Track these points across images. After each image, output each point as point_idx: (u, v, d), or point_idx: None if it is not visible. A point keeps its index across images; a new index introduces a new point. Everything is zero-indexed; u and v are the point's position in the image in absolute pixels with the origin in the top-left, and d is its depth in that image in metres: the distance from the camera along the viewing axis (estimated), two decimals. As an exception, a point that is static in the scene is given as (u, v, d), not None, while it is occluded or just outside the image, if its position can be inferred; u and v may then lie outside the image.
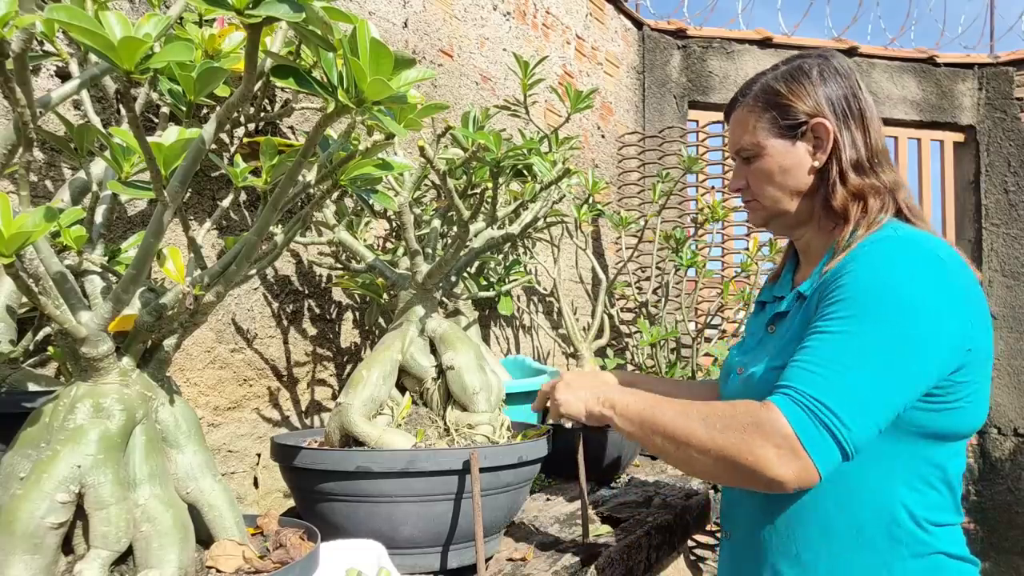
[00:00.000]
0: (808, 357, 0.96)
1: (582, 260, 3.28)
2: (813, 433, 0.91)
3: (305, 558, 0.78)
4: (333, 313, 1.92)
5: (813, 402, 0.91)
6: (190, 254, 0.85)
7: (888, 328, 0.93)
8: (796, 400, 0.92)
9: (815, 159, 1.12)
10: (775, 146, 1.13)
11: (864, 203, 1.09)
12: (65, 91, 0.73)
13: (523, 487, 1.27)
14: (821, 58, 1.15)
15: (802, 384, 0.93)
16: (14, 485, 0.69)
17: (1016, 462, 4.60)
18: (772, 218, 1.18)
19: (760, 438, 0.92)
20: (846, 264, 1.01)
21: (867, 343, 0.93)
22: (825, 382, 0.92)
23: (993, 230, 4.73)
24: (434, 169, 1.20)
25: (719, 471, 0.97)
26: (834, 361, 0.93)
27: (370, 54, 0.65)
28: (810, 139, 1.12)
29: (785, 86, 1.13)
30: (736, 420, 0.95)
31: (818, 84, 1.12)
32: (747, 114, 1.16)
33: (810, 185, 1.13)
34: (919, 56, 4.71)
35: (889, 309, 0.94)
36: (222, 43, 0.93)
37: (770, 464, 0.91)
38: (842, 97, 1.12)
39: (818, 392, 0.92)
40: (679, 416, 1.01)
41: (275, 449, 1.21)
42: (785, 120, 1.12)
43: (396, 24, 2.22)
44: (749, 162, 1.17)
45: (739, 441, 0.93)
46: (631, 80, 3.97)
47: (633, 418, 1.08)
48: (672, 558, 1.77)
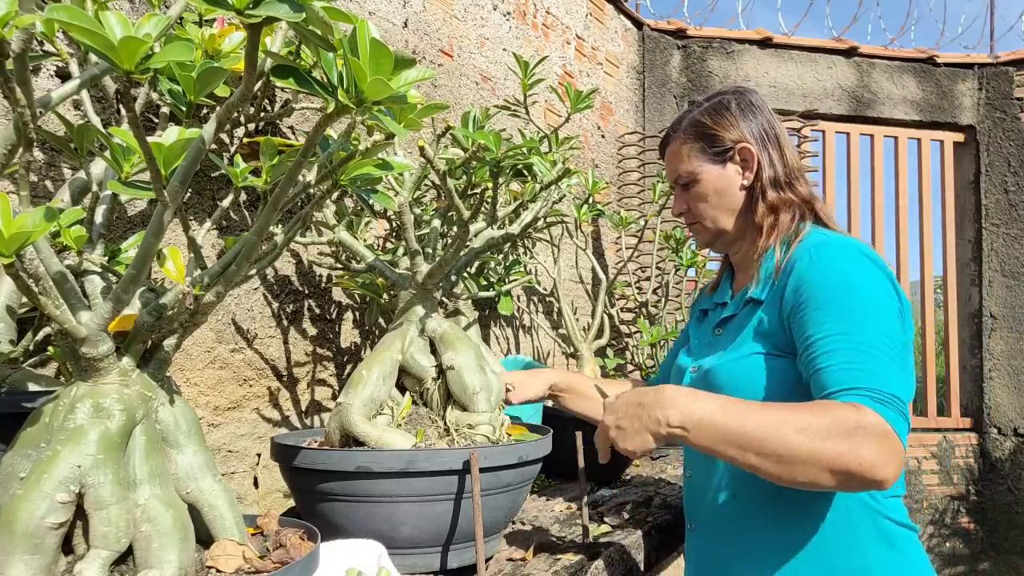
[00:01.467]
0: (844, 359, 1.03)
1: (582, 260, 3.28)
2: (901, 424, 0.98)
3: (305, 558, 0.78)
4: (333, 313, 1.92)
5: (889, 396, 0.99)
6: (190, 254, 0.85)
7: (876, 316, 1.06)
8: (879, 398, 0.99)
9: (744, 178, 1.26)
10: (708, 171, 1.27)
11: (776, 215, 1.23)
12: (65, 91, 0.73)
13: (523, 487, 1.27)
14: (738, 93, 1.30)
15: (870, 383, 1.00)
16: (14, 485, 0.69)
17: (1016, 462, 4.60)
18: (715, 237, 1.31)
19: (867, 441, 0.95)
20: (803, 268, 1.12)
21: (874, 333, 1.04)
22: (882, 376, 1.00)
23: (993, 230, 4.73)
24: (434, 169, 1.20)
25: (823, 480, 0.98)
26: (870, 357, 1.02)
27: (370, 54, 0.65)
28: (737, 161, 1.26)
29: (710, 119, 1.28)
30: (837, 427, 0.96)
31: (737, 114, 1.27)
32: (680, 146, 1.30)
33: (742, 203, 1.27)
34: (919, 56, 4.72)
35: (867, 302, 1.07)
36: (222, 43, 0.93)
37: (878, 464, 0.95)
38: (759, 124, 1.27)
39: (885, 385, 1.00)
40: (771, 431, 0.97)
41: (275, 449, 1.21)
42: (713, 147, 1.27)
43: (396, 24, 2.22)
44: (687, 188, 1.30)
45: (847, 449, 0.95)
46: (631, 80, 3.97)
47: (714, 436, 1.00)
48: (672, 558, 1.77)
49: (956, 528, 4.66)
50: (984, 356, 4.72)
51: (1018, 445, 4.61)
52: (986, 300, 4.72)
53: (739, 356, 1.17)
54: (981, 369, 4.73)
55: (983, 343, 4.72)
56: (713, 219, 1.28)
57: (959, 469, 4.70)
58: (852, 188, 4.70)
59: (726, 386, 1.16)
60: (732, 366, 1.17)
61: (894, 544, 1.11)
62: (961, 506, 4.68)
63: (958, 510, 4.68)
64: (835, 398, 1.00)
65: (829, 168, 4.67)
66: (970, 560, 4.57)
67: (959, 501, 4.67)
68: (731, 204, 1.27)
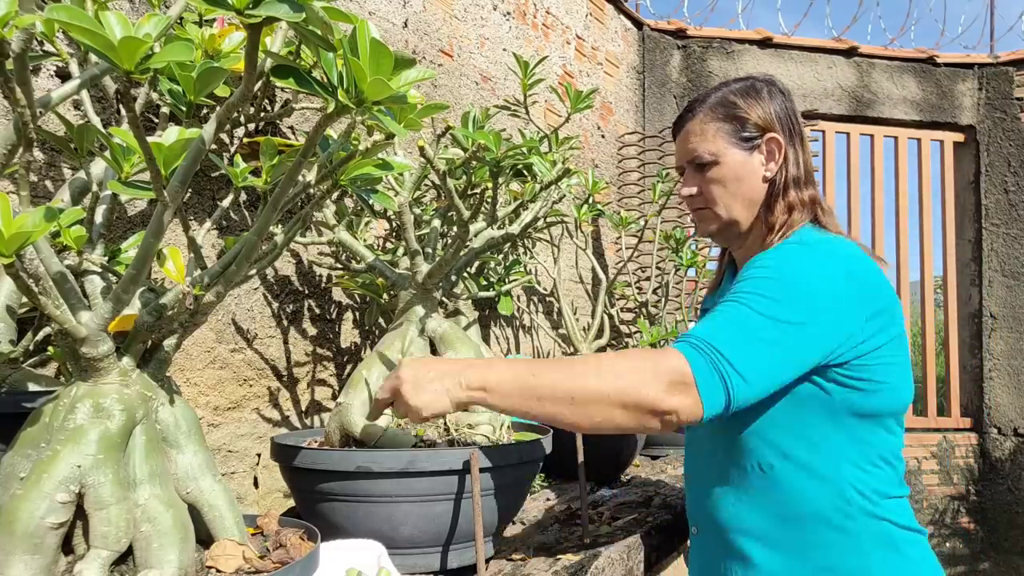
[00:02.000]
0: (710, 319, 1.04)
1: (582, 260, 3.28)
2: (706, 372, 0.97)
3: (305, 558, 0.78)
4: (333, 313, 1.92)
5: (710, 347, 0.99)
6: (190, 254, 0.85)
7: (779, 305, 1.02)
8: (694, 344, 0.99)
9: (767, 169, 1.20)
10: (733, 155, 1.19)
11: (790, 215, 1.18)
12: (65, 91, 0.73)
13: (523, 487, 1.27)
14: (768, 80, 1.24)
15: (702, 334, 1.01)
16: (14, 485, 0.69)
17: (1016, 462, 4.60)
18: (724, 227, 1.23)
19: (655, 374, 0.97)
20: (754, 261, 1.12)
21: (760, 313, 1.02)
22: (722, 334, 1.00)
23: (993, 230, 4.72)
24: (434, 169, 1.20)
25: (618, 416, 0.99)
26: (732, 322, 1.02)
27: (370, 54, 0.65)
28: (763, 151, 1.20)
29: (743, 100, 1.20)
30: (631, 363, 0.99)
31: (768, 102, 1.20)
32: (705, 124, 1.22)
33: (762, 195, 1.20)
34: (919, 56, 4.71)
35: (782, 291, 1.03)
36: (222, 43, 0.93)
37: (663, 396, 0.97)
38: (787, 116, 1.21)
39: (715, 341, 0.99)
40: (567, 376, 0.99)
41: (275, 449, 1.21)
42: (743, 132, 1.19)
43: (396, 24, 2.22)
44: (703, 169, 1.22)
45: (638, 381, 0.97)
46: (631, 80, 3.97)
47: (513, 392, 1.00)
48: (672, 558, 1.77)
49: (956, 528, 4.66)
50: (984, 356, 4.72)
51: (1018, 445, 4.61)
52: (986, 300, 4.72)
53: None
54: (981, 369, 4.73)
55: (983, 343, 4.72)
56: (727, 207, 1.21)
57: (959, 469, 4.70)
58: (852, 188, 4.70)
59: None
60: None
61: (898, 547, 1.09)
62: (961, 506, 4.68)
63: (958, 510, 4.68)
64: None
65: (829, 168, 4.67)
66: (970, 560, 4.57)
67: (959, 501, 4.67)
68: (750, 194, 1.20)
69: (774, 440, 1.10)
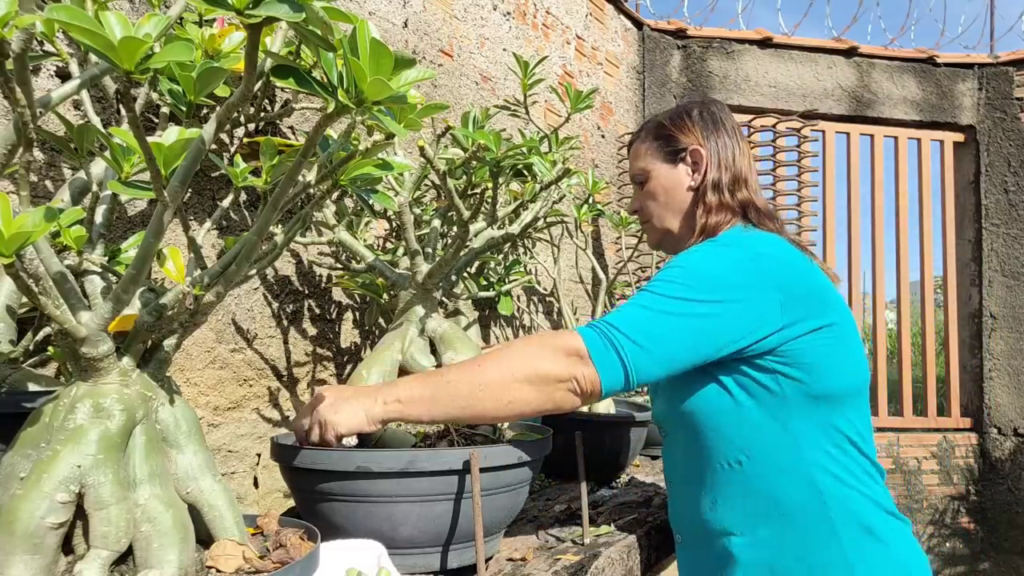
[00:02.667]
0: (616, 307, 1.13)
1: (582, 260, 3.28)
2: (599, 346, 1.05)
3: (305, 558, 0.78)
4: (333, 313, 1.92)
5: (605, 325, 1.07)
6: (190, 254, 0.85)
7: (680, 287, 1.09)
8: (592, 325, 1.08)
9: (692, 179, 1.31)
10: (660, 169, 1.32)
11: (708, 218, 1.27)
12: (65, 91, 0.73)
13: (523, 487, 1.26)
14: (702, 104, 1.36)
15: (603, 317, 1.09)
16: (14, 485, 0.69)
17: (1016, 462, 4.60)
18: (662, 236, 1.35)
19: (552, 349, 1.05)
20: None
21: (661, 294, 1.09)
22: (619, 314, 1.08)
23: (993, 230, 4.72)
24: (434, 169, 1.20)
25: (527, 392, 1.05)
26: (632, 304, 1.10)
27: (370, 54, 0.65)
28: (688, 163, 1.31)
29: (669, 121, 1.34)
30: (530, 345, 1.06)
31: (697, 121, 1.32)
32: (640, 145, 1.36)
33: (688, 203, 1.31)
34: (919, 56, 4.71)
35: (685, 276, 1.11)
36: (222, 43, 0.93)
37: (561, 366, 1.04)
38: (717, 132, 1.31)
39: (611, 319, 1.08)
40: (474, 371, 1.05)
41: (275, 449, 1.21)
42: (668, 147, 1.32)
43: (396, 24, 2.22)
44: (641, 186, 1.35)
45: (536, 359, 1.04)
46: (631, 80, 3.97)
47: (425, 398, 1.05)
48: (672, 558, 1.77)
49: (956, 528, 4.66)
50: (984, 356, 4.72)
51: (1018, 445, 4.61)
52: (986, 300, 4.72)
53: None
54: (981, 369, 4.73)
55: (983, 343, 4.72)
56: (660, 217, 1.33)
57: (959, 469, 4.69)
58: (852, 188, 4.70)
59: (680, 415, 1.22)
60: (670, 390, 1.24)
61: (874, 532, 1.11)
62: (961, 506, 4.68)
63: (958, 510, 4.68)
64: None
65: (829, 168, 4.67)
66: (970, 560, 4.57)
67: (959, 501, 4.67)
68: (678, 203, 1.31)
69: (734, 437, 1.14)
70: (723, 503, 1.16)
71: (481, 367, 1.05)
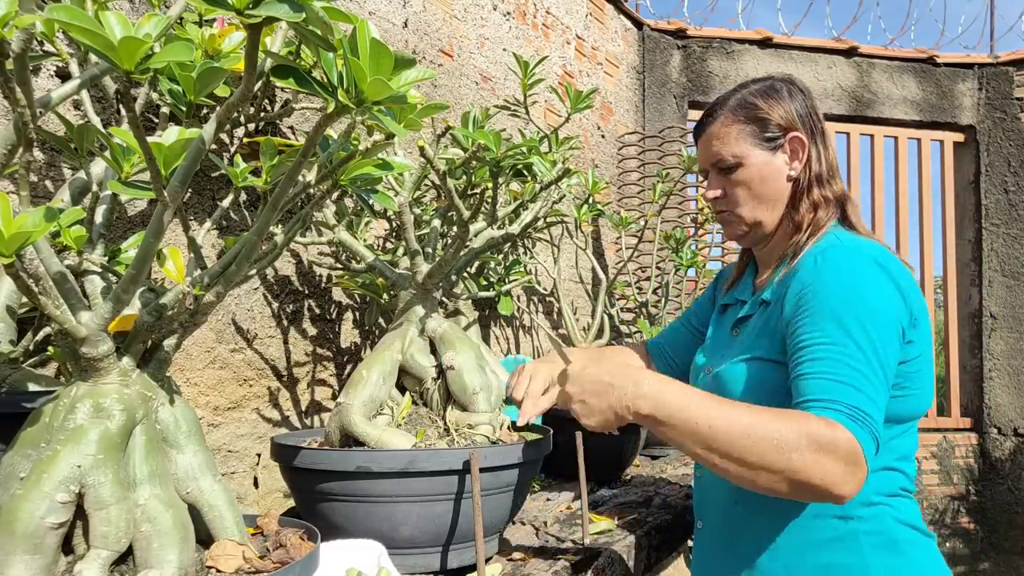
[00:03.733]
0: (829, 369, 1.00)
1: (582, 260, 3.28)
2: (869, 443, 0.97)
3: (305, 558, 0.78)
4: (333, 313, 1.92)
5: (862, 414, 0.97)
6: (190, 254, 0.85)
7: (872, 329, 1.02)
8: (853, 416, 0.97)
9: (791, 168, 1.20)
10: (757, 156, 1.19)
11: (815, 213, 1.18)
12: (65, 91, 0.73)
13: (523, 487, 1.27)
14: (787, 80, 1.24)
15: (849, 398, 0.98)
16: (14, 485, 0.69)
17: (1016, 462, 4.60)
18: (749, 228, 1.23)
19: (834, 458, 0.94)
20: (807, 273, 1.09)
21: (865, 346, 1.01)
22: (856, 392, 0.99)
23: (993, 230, 4.72)
24: (434, 169, 1.20)
25: (779, 487, 0.98)
26: (853, 371, 1.00)
27: (370, 54, 0.65)
28: (786, 150, 1.19)
29: (763, 100, 1.20)
30: (808, 440, 0.95)
31: (788, 101, 1.20)
32: (727, 127, 1.21)
33: (786, 195, 1.20)
34: (919, 56, 4.71)
35: (865, 313, 1.03)
36: (222, 43, 0.93)
37: (841, 482, 0.95)
38: (808, 114, 1.21)
39: (862, 403, 0.98)
40: (740, 434, 0.95)
41: (275, 449, 1.21)
42: (765, 132, 1.19)
43: (396, 24, 2.22)
44: (728, 172, 1.21)
45: (812, 463, 0.94)
46: (631, 80, 3.97)
47: (683, 433, 0.98)
48: (672, 558, 1.77)
49: (956, 528, 4.66)
50: (984, 356, 4.72)
51: (1018, 445, 4.61)
52: (986, 300, 4.72)
53: (746, 359, 1.14)
54: (981, 369, 4.73)
55: (983, 343, 4.72)
56: (752, 209, 1.21)
57: (959, 469, 4.69)
58: (852, 188, 4.70)
59: (730, 391, 1.13)
60: (738, 369, 1.14)
61: (899, 548, 1.09)
62: (961, 506, 4.68)
63: (958, 510, 4.68)
64: (811, 408, 0.99)
65: (829, 168, 4.67)
66: (970, 560, 4.57)
67: (959, 501, 4.67)
68: (775, 194, 1.20)
69: None
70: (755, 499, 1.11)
71: (758, 441, 0.94)
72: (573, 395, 1.05)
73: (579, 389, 1.04)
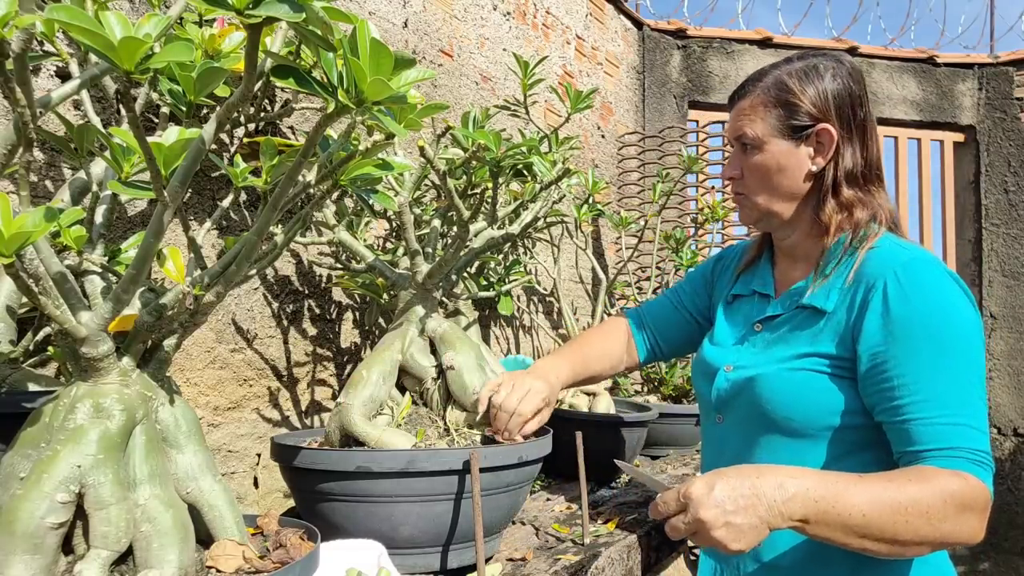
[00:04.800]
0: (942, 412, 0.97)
1: (582, 260, 3.28)
2: (992, 483, 0.96)
3: (305, 558, 0.78)
4: (333, 313, 1.92)
5: (983, 455, 0.96)
6: (190, 254, 0.85)
7: (971, 358, 0.99)
8: (977, 460, 0.96)
9: (813, 163, 1.12)
10: (778, 144, 1.12)
11: (850, 214, 1.10)
12: (65, 91, 0.73)
13: (523, 487, 1.27)
14: (836, 62, 1.13)
15: (969, 442, 0.96)
16: (14, 485, 0.69)
17: (1016, 462, 4.60)
18: (762, 216, 1.17)
19: (975, 513, 0.94)
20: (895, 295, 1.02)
21: (969, 379, 0.99)
22: (976, 432, 0.97)
23: (993, 230, 4.73)
24: (434, 169, 1.20)
25: (924, 551, 0.97)
26: (965, 406, 0.97)
27: (370, 54, 0.65)
28: (812, 143, 1.11)
29: (798, 84, 1.11)
30: (951, 504, 0.92)
31: (830, 88, 1.11)
32: (755, 105, 1.13)
33: (805, 190, 1.13)
34: (919, 56, 4.71)
35: (963, 340, 0.99)
36: (222, 43, 0.93)
37: (979, 532, 0.95)
38: (849, 106, 1.11)
39: (981, 445, 0.96)
40: (888, 516, 0.91)
41: (275, 449, 1.21)
42: (792, 120, 1.11)
43: (396, 24, 2.22)
44: (748, 153, 1.15)
45: (959, 526, 0.93)
46: (631, 80, 3.97)
47: (833, 527, 0.91)
48: (672, 558, 1.77)
49: (956, 528, 4.65)
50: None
51: (1018, 445, 4.61)
52: (986, 300, 4.72)
53: (795, 368, 1.07)
54: (981, 369, 4.73)
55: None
56: (766, 198, 1.14)
57: (959, 469, 4.69)
58: (852, 188, 4.70)
59: (775, 399, 1.07)
60: (785, 378, 1.07)
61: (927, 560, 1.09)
62: (961, 506, 4.67)
63: (958, 510, 4.67)
64: (931, 458, 0.96)
65: (829, 168, 4.67)
66: (970, 560, 4.57)
67: (959, 501, 4.67)
68: (792, 188, 1.13)
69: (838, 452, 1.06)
70: None
71: (907, 519, 0.90)
72: (712, 522, 0.87)
73: (720, 511, 0.87)
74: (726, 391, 1.16)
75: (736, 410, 1.16)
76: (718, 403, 1.19)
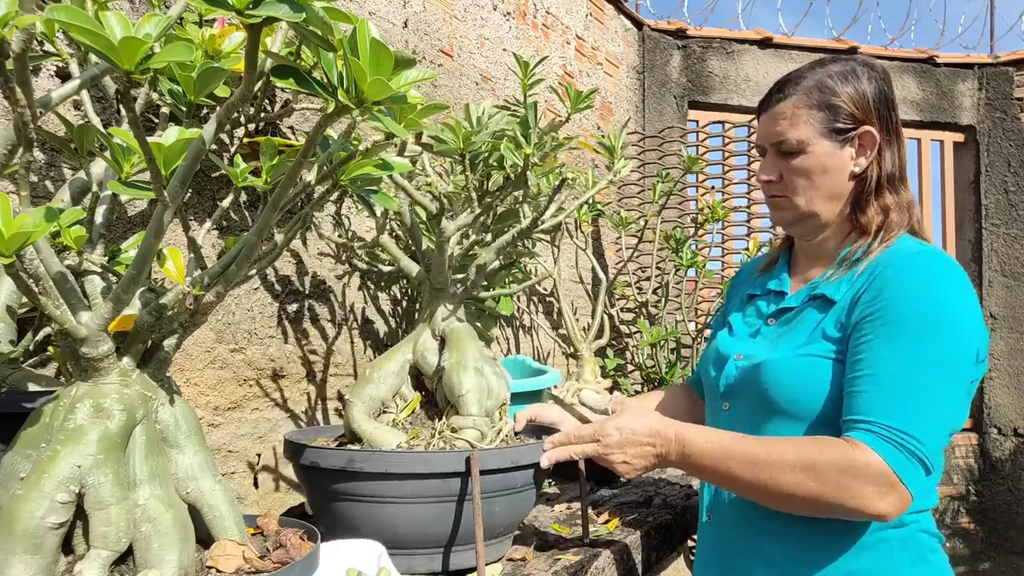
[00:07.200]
0: (875, 386, 0.99)
1: (582, 260, 3.28)
2: (905, 464, 0.95)
3: (305, 558, 0.78)
4: (334, 313, 1.92)
5: (898, 434, 0.96)
6: (190, 254, 0.85)
7: (943, 353, 0.99)
8: (884, 436, 0.96)
9: (856, 164, 1.13)
10: (822, 146, 1.12)
11: (886, 217, 1.12)
12: (65, 91, 0.73)
13: (528, 490, 1.26)
14: (869, 66, 1.16)
15: (883, 417, 0.97)
16: (14, 485, 0.69)
17: (1016, 462, 4.60)
18: (800, 218, 1.17)
19: (859, 481, 0.95)
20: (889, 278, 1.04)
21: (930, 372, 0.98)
22: (903, 410, 0.97)
23: (993, 230, 4.72)
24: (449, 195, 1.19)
25: (817, 512, 1.01)
26: (904, 386, 0.98)
27: (370, 54, 0.65)
28: (855, 145, 1.13)
29: (841, 87, 1.12)
30: (830, 466, 0.96)
31: (869, 90, 1.13)
32: (797, 108, 1.14)
33: (848, 191, 1.14)
34: (919, 56, 4.71)
35: (941, 328, 0.99)
36: (222, 43, 0.93)
37: (872, 503, 0.95)
38: (886, 109, 1.14)
39: (900, 423, 0.96)
40: (765, 469, 1.00)
41: (286, 446, 1.22)
42: (836, 122, 1.12)
43: (396, 24, 2.22)
44: (788, 157, 1.15)
45: (839, 488, 0.96)
46: (631, 80, 3.97)
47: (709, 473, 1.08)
48: (672, 558, 1.77)
49: (956, 528, 4.66)
50: (984, 356, 4.72)
51: (1018, 445, 4.61)
52: (986, 300, 4.72)
53: (801, 355, 1.10)
54: (981, 369, 4.73)
55: (983, 343, 4.72)
56: (809, 199, 1.14)
57: (959, 469, 4.69)
58: (852, 188, 4.70)
59: (780, 384, 1.10)
60: (791, 364, 1.10)
61: (925, 556, 1.08)
62: (961, 506, 4.67)
63: (958, 510, 4.67)
64: (848, 428, 0.99)
65: (829, 168, 4.67)
66: (970, 560, 4.57)
67: (959, 501, 4.67)
68: (834, 188, 1.13)
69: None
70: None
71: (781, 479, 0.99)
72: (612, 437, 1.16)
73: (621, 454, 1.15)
74: (735, 378, 1.19)
75: (743, 397, 1.18)
76: (726, 390, 1.22)
